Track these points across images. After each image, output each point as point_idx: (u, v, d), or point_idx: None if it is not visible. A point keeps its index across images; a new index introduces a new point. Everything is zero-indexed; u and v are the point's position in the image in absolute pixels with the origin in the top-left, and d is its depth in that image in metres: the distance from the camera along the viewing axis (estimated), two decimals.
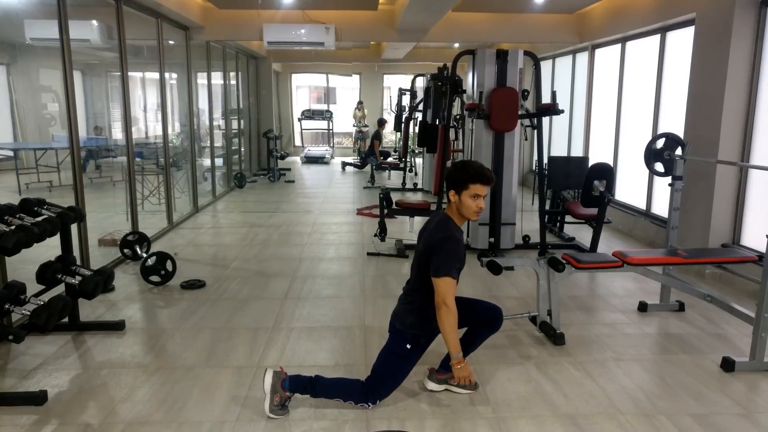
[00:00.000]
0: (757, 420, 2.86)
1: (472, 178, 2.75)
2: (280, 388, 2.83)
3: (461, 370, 2.75)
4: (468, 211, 2.80)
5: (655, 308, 4.36)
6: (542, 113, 5.64)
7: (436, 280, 2.72)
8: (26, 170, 7.50)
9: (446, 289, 2.70)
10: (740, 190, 5.20)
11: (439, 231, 2.81)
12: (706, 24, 5.36)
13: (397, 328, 2.91)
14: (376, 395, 2.89)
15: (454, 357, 2.75)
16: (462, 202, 2.78)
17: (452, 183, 2.80)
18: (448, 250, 2.74)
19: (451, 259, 2.73)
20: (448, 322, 2.70)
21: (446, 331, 2.71)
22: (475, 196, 2.77)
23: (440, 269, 2.72)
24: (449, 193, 2.81)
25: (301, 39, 8.41)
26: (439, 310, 2.70)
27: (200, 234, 6.93)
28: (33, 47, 6.54)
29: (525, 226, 6.37)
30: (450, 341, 2.72)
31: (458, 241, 2.80)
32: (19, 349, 3.57)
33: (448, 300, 2.69)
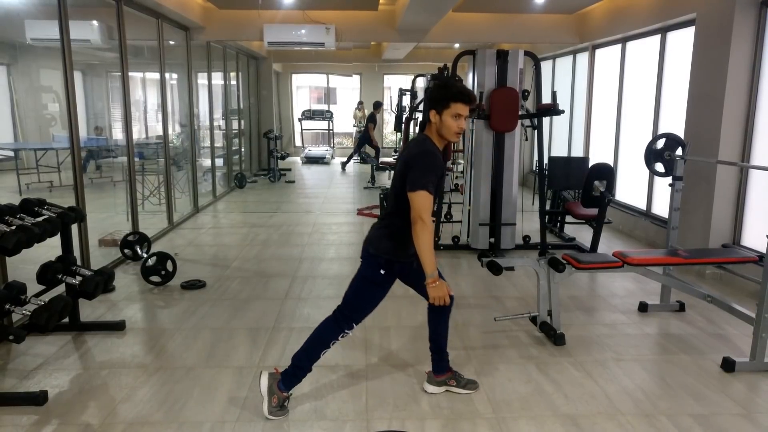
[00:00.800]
0: (757, 420, 2.86)
1: (454, 96, 2.64)
2: (276, 390, 2.83)
3: (437, 289, 2.65)
4: (449, 131, 2.69)
5: (656, 308, 4.36)
6: (542, 113, 5.65)
7: (412, 195, 2.60)
8: (27, 170, 7.49)
9: (422, 203, 2.58)
10: (741, 190, 5.20)
11: (415, 147, 2.72)
12: (706, 24, 5.36)
13: (371, 254, 2.79)
14: (350, 321, 2.84)
15: (429, 275, 2.63)
16: (443, 122, 2.68)
17: (433, 102, 2.68)
18: (423, 163, 2.64)
19: (427, 172, 2.62)
20: (424, 237, 2.58)
21: (422, 248, 2.60)
22: (456, 116, 2.66)
23: (416, 183, 2.59)
24: (430, 114, 2.70)
25: (301, 39, 8.41)
26: (415, 224, 2.60)
27: (200, 234, 6.93)
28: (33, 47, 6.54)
29: (525, 227, 6.37)
30: (425, 258, 2.61)
31: (434, 155, 2.68)
32: (19, 349, 3.57)
33: (425, 215, 2.58)
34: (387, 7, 8.52)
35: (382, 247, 2.77)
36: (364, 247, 2.85)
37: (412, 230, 2.62)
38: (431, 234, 2.62)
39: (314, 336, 2.88)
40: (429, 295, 2.69)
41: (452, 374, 3.10)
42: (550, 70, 9.98)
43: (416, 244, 2.62)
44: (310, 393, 3.08)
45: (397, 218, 2.74)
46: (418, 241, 2.61)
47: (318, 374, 3.26)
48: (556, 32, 8.56)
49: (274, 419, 2.82)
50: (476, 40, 9.40)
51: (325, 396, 3.05)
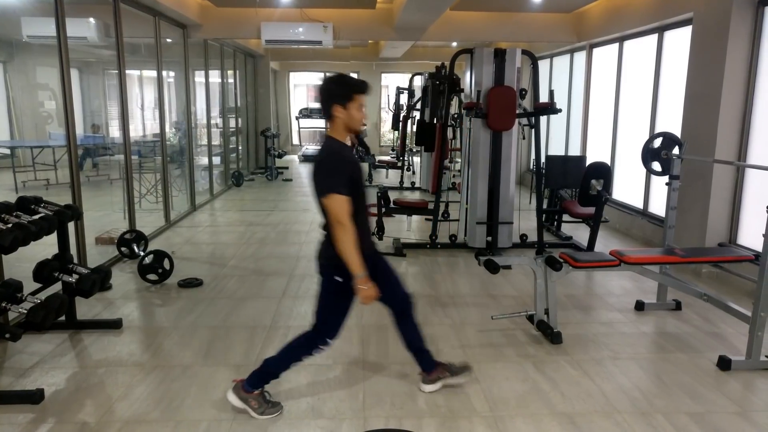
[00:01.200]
0: (753, 418, 2.87)
1: (356, 89, 2.67)
2: (245, 394, 2.83)
3: (366, 291, 2.61)
4: (356, 122, 2.70)
5: (652, 307, 4.37)
6: (540, 112, 5.65)
7: (325, 201, 2.58)
8: (23, 168, 7.48)
9: (336, 207, 2.55)
10: (737, 189, 5.21)
11: (317, 155, 2.70)
12: (703, 23, 5.37)
13: (323, 264, 2.77)
14: (325, 336, 2.82)
15: (357, 276, 2.59)
16: (351, 114, 2.67)
17: (336, 98, 2.65)
18: (327, 167, 2.62)
19: (332, 174, 2.59)
20: (345, 240, 2.55)
21: (345, 251, 2.56)
22: (360, 107, 2.69)
23: (324, 189, 2.58)
24: (334, 110, 2.66)
25: (299, 37, 8.40)
26: (333, 229, 2.57)
27: (198, 232, 6.92)
28: (30, 45, 6.52)
29: (522, 225, 6.38)
30: (350, 259, 2.57)
31: (338, 155, 2.65)
32: (15, 347, 3.56)
33: (342, 218, 2.54)
34: (385, 6, 8.52)
35: (330, 255, 2.69)
36: (316, 261, 2.82)
37: (332, 235, 2.60)
38: (352, 235, 2.57)
39: (289, 347, 2.87)
40: (359, 295, 2.64)
41: (442, 367, 3.10)
42: (547, 68, 9.99)
43: (338, 248, 2.58)
44: (307, 391, 3.08)
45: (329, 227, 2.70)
46: (339, 245, 2.58)
47: (315, 373, 3.27)
48: (554, 31, 8.57)
49: (269, 417, 2.82)
50: (474, 39, 9.40)
51: (323, 394, 3.06)
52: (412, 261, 5.67)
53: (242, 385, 2.84)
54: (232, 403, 2.84)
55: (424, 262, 5.61)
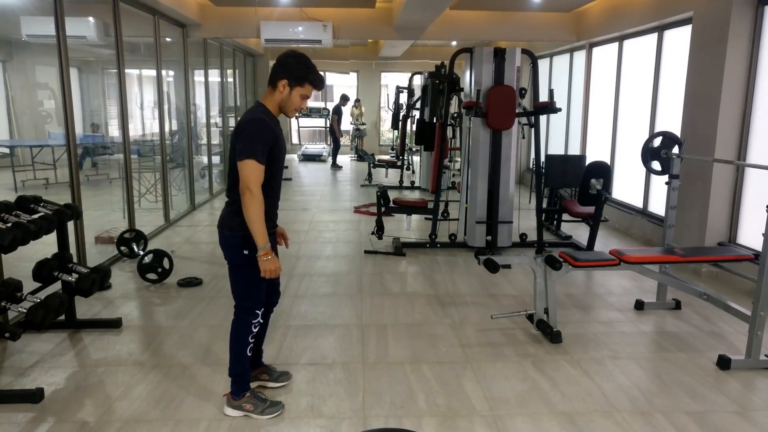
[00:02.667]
0: (752, 418, 2.87)
1: (311, 78, 2.62)
2: (237, 402, 2.83)
3: (268, 263, 2.57)
4: (291, 106, 2.65)
5: (652, 306, 4.37)
6: (539, 111, 5.65)
7: (240, 164, 2.50)
8: (22, 167, 7.47)
9: (249, 173, 2.49)
10: (737, 188, 5.21)
11: (245, 115, 2.62)
12: (703, 23, 5.37)
13: (227, 235, 2.67)
14: (249, 309, 2.76)
15: (261, 248, 2.54)
16: (291, 97, 2.63)
17: (288, 74, 2.60)
18: (251, 131, 2.54)
19: (254, 140, 2.52)
20: (253, 208, 2.50)
21: (251, 218, 2.51)
22: (304, 96, 2.65)
23: (243, 151, 2.50)
24: (279, 83, 2.60)
25: (298, 36, 8.40)
26: (243, 195, 2.50)
27: (197, 231, 6.92)
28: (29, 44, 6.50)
29: (522, 224, 6.38)
30: (256, 229, 2.52)
31: (264, 122, 2.57)
32: (15, 346, 3.56)
33: (252, 185, 2.49)
34: (384, 5, 8.51)
35: (234, 225, 2.63)
36: (219, 231, 2.72)
37: (241, 201, 2.52)
38: (261, 204, 2.53)
39: (231, 343, 2.83)
40: (260, 268, 2.58)
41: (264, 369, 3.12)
42: (547, 68, 9.99)
43: (245, 215, 2.52)
44: (306, 391, 3.08)
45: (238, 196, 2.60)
46: (247, 212, 2.51)
47: (315, 372, 3.26)
48: (554, 30, 8.57)
49: (270, 417, 2.82)
50: (473, 38, 9.40)
51: (322, 394, 3.05)
52: (411, 260, 5.67)
53: (231, 396, 2.85)
54: (230, 416, 2.82)
55: (424, 262, 5.61)
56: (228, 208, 2.70)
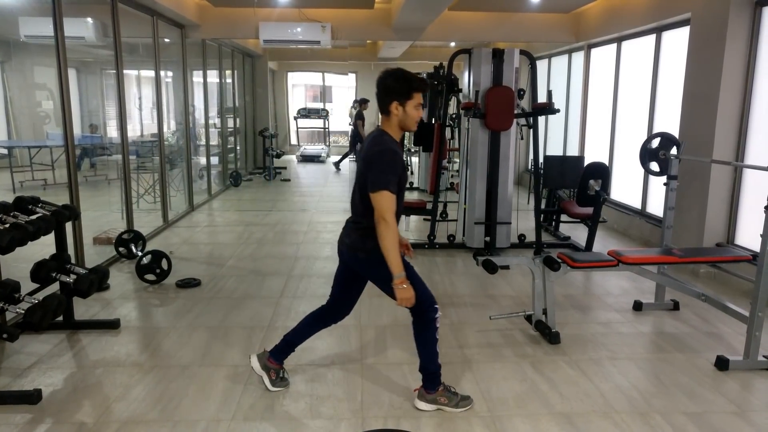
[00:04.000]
0: (750, 418, 2.87)
1: (416, 87, 2.67)
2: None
3: (405, 291, 2.63)
4: (411, 121, 2.71)
5: (650, 307, 4.37)
6: (538, 112, 5.65)
7: (373, 195, 2.60)
8: (20, 168, 7.45)
9: (384, 204, 2.58)
10: (735, 189, 5.22)
11: (374, 145, 2.68)
12: (701, 24, 5.38)
13: (363, 258, 2.78)
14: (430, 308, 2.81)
15: (396, 276, 2.62)
16: (407, 113, 2.68)
17: (395, 95, 2.65)
18: (383, 163, 2.62)
19: (387, 172, 2.61)
20: (389, 237, 2.58)
21: (387, 248, 2.59)
22: (417, 106, 2.69)
23: (376, 183, 2.59)
24: (391, 107, 2.67)
25: (297, 37, 8.40)
26: (378, 225, 2.59)
27: (196, 232, 6.91)
28: (28, 45, 6.50)
29: (521, 225, 6.38)
30: (391, 258, 2.60)
31: (394, 153, 2.66)
32: (13, 347, 3.55)
33: (387, 215, 2.58)
34: (383, 6, 8.52)
35: (369, 247, 2.73)
36: (349, 253, 2.85)
37: (377, 231, 2.61)
38: (395, 234, 2.62)
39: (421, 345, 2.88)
40: (396, 296, 2.66)
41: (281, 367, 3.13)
42: (545, 69, 9.99)
43: (381, 244, 2.62)
44: (305, 391, 3.08)
45: (369, 218, 2.70)
46: (382, 242, 2.61)
47: (314, 373, 3.26)
48: (552, 31, 8.58)
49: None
50: (472, 39, 9.40)
51: (321, 395, 3.05)
52: (410, 261, 5.66)
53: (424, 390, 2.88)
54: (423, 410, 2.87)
55: (422, 262, 5.61)
56: (356, 231, 2.81)
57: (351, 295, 3.05)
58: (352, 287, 3.02)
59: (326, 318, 3.10)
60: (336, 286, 3.05)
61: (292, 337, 3.08)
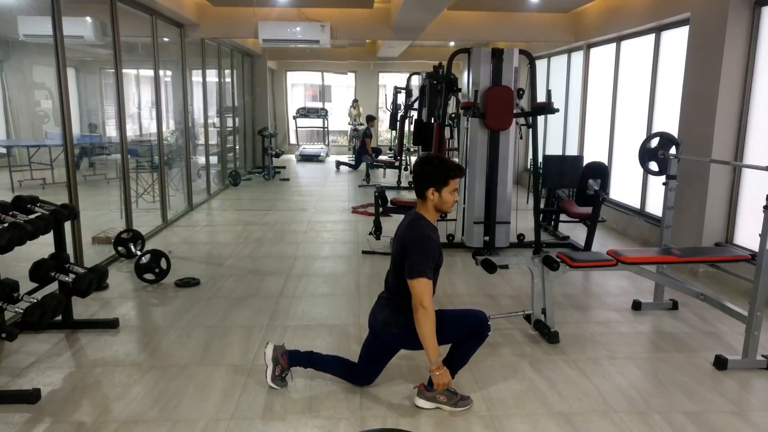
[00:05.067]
0: (749, 418, 2.88)
1: (453, 174, 2.76)
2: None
3: (441, 377, 2.72)
4: (447, 205, 2.81)
5: (649, 307, 4.38)
6: (537, 112, 5.65)
7: (411, 282, 2.67)
8: (19, 167, 7.45)
9: (422, 290, 2.66)
10: (733, 189, 5.22)
11: (411, 231, 2.77)
12: (700, 24, 5.38)
13: (397, 333, 2.86)
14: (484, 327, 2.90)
15: (433, 362, 2.71)
16: (443, 198, 2.78)
17: (432, 181, 2.76)
18: (421, 249, 2.71)
19: (425, 259, 2.69)
20: (426, 324, 2.66)
21: (424, 334, 2.67)
22: (453, 191, 2.79)
23: (414, 270, 2.67)
24: (427, 192, 2.77)
25: (296, 37, 8.40)
26: (416, 312, 2.66)
27: (195, 232, 6.91)
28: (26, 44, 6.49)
29: (520, 225, 6.38)
30: (429, 344, 2.68)
31: (432, 240, 2.76)
32: (12, 347, 3.55)
33: (425, 301, 2.65)
34: (382, 5, 8.52)
35: (401, 322, 2.83)
36: (384, 330, 2.91)
37: (414, 317, 2.69)
38: (433, 320, 2.68)
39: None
40: (434, 382, 2.74)
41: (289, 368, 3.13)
42: (545, 68, 9.99)
43: (419, 331, 2.68)
44: (304, 391, 3.08)
45: (401, 297, 2.81)
46: (420, 329, 2.67)
47: (312, 373, 3.26)
48: (551, 31, 8.58)
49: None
50: (471, 39, 9.40)
51: (320, 394, 3.05)
52: None
53: (424, 387, 2.90)
54: (422, 407, 2.90)
55: None
56: (389, 308, 2.90)
57: (379, 365, 3.09)
58: (382, 359, 3.07)
59: (352, 374, 3.11)
60: (365, 355, 3.08)
61: (316, 360, 3.10)
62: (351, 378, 3.10)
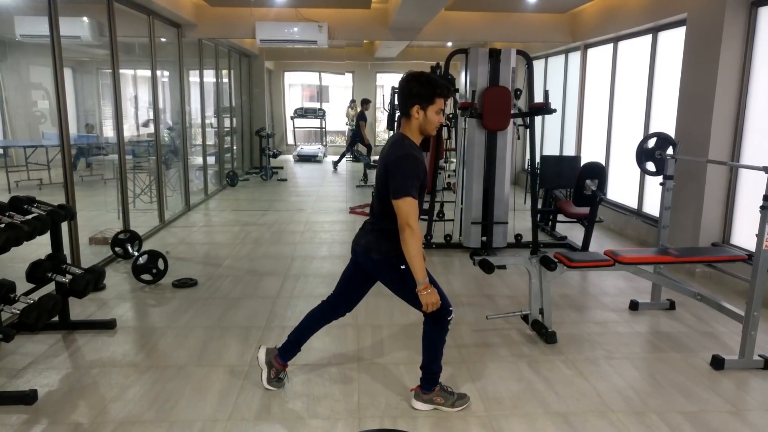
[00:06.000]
0: (746, 417, 2.88)
1: (439, 92, 2.65)
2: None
3: (428, 296, 2.64)
4: (431, 126, 2.69)
5: (646, 307, 4.38)
6: (534, 112, 5.66)
7: (397, 202, 2.58)
8: (16, 168, 7.44)
9: (408, 210, 2.57)
10: (730, 189, 5.24)
11: (395, 150, 2.66)
12: (697, 24, 5.40)
13: (377, 259, 2.77)
14: (444, 311, 2.81)
15: (420, 282, 2.62)
16: (428, 117, 2.66)
17: (417, 98, 2.63)
18: (405, 168, 2.60)
19: (409, 178, 2.59)
20: (413, 244, 2.57)
21: (411, 254, 2.59)
22: (438, 111, 2.68)
23: (399, 189, 2.58)
24: (412, 110, 2.65)
25: (293, 37, 8.39)
26: (403, 232, 2.58)
27: (192, 232, 6.90)
28: (23, 44, 6.48)
29: (517, 225, 6.39)
30: (415, 264, 2.60)
31: (416, 159, 2.64)
32: (8, 348, 3.54)
33: (411, 221, 2.57)
34: (380, 6, 8.52)
35: (384, 248, 2.75)
36: (363, 254, 2.82)
37: (400, 237, 2.61)
38: (419, 240, 2.62)
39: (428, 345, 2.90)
40: (421, 302, 2.66)
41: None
42: (542, 69, 10.01)
43: (405, 251, 2.61)
44: (302, 391, 3.08)
45: (386, 221, 2.70)
46: (407, 248, 2.60)
47: (310, 372, 3.26)
48: (549, 31, 8.59)
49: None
50: (469, 39, 9.41)
51: (318, 395, 3.05)
52: None
53: (420, 390, 2.88)
54: (420, 409, 2.88)
55: None
56: (373, 233, 2.81)
57: (355, 295, 3.05)
58: (359, 288, 3.02)
59: (327, 313, 3.08)
60: (342, 283, 3.03)
61: (296, 336, 3.08)
62: (330, 317, 3.07)
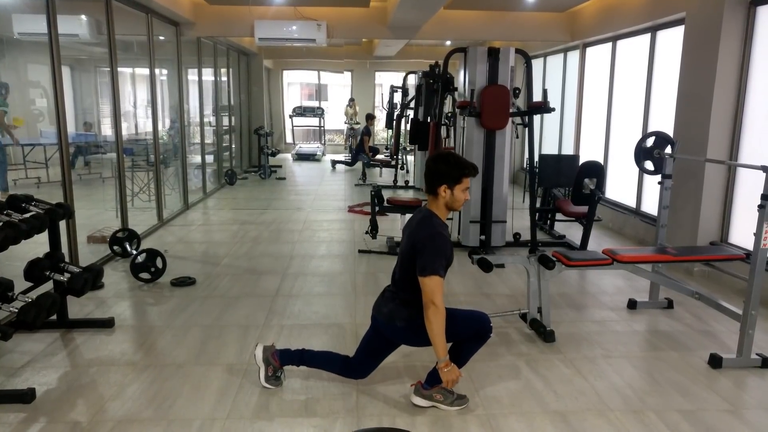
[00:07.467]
0: (743, 416, 2.89)
1: (466, 173, 2.75)
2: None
3: (449, 373, 2.71)
4: (458, 203, 2.79)
5: (645, 305, 4.39)
6: (533, 111, 5.66)
7: (423, 279, 2.66)
8: (14, 166, 7.42)
9: (434, 288, 2.65)
10: (728, 188, 5.24)
11: (424, 228, 2.75)
12: (695, 23, 5.40)
13: (401, 326, 2.83)
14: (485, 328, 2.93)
15: (441, 360, 2.70)
16: (455, 196, 2.76)
17: (445, 178, 2.73)
18: (433, 247, 2.68)
19: (438, 257, 2.67)
20: (437, 321, 2.65)
21: (434, 332, 2.66)
22: (465, 189, 2.78)
23: (426, 268, 2.65)
24: (439, 189, 2.75)
25: (292, 35, 8.39)
26: (427, 309, 2.65)
27: (190, 231, 6.89)
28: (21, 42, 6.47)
29: (516, 224, 6.39)
30: (438, 342, 2.67)
31: (444, 238, 2.74)
32: (6, 346, 3.54)
33: (437, 299, 2.64)
34: (378, 4, 8.51)
35: (405, 315, 2.82)
36: (388, 324, 2.87)
37: (424, 314, 2.68)
38: (443, 318, 2.67)
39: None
40: (442, 379, 2.73)
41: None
42: (541, 68, 10.01)
43: (428, 328, 2.67)
44: (300, 390, 3.08)
45: (409, 292, 2.81)
46: (430, 326, 2.66)
47: (308, 372, 3.26)
48: (548, 30, 8.59)
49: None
50: (468, 38, 9.41)
51: (316, 393, 3.05)
52: None
53: (421, 385, 2.91)
54: (419, 405, 2.90)
55: None
56: (394, 301, 2.88)
57: (373, 363, 3.06)
58: (380, 354, 3.05)
59: (346, 369, 3.07)
60: (363, 349, 3.05)
61: (307, 357, 3.08)
62: (344, 372, 3.07)
